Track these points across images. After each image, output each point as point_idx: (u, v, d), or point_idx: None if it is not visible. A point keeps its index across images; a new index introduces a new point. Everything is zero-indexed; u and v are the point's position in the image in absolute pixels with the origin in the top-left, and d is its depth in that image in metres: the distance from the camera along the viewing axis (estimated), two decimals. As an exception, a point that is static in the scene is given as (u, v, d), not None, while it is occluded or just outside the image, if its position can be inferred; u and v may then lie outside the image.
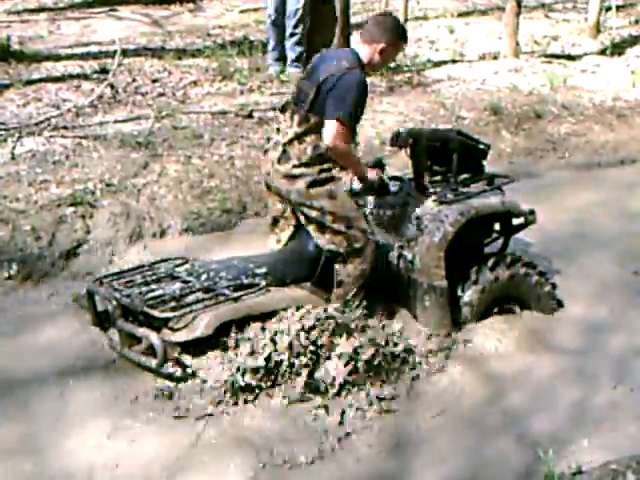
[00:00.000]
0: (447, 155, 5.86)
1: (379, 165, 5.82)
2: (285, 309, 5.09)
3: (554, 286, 6.07)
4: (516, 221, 6.11)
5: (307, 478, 4.41)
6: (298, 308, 5.12)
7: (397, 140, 5.89)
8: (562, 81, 11.40)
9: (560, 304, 6.09)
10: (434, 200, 5.70)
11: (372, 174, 5.61)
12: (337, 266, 5.41)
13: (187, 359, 4.90)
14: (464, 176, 6.02)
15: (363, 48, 5.36)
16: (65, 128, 8.17)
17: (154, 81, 10.18)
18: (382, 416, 4.90)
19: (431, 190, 5.82)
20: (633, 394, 5.16)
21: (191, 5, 15.22)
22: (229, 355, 4.86)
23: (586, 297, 6.26)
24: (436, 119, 9.52)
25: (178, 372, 4.86)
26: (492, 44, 13.55)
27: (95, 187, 7.02)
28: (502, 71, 11.92)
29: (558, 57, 13.21)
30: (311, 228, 5.38)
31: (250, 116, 8.92)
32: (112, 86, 9.59)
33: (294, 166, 5.25)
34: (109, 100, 9.30)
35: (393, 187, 5.85)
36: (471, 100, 10.34)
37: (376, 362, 5.12)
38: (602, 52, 13.80)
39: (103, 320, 5.31)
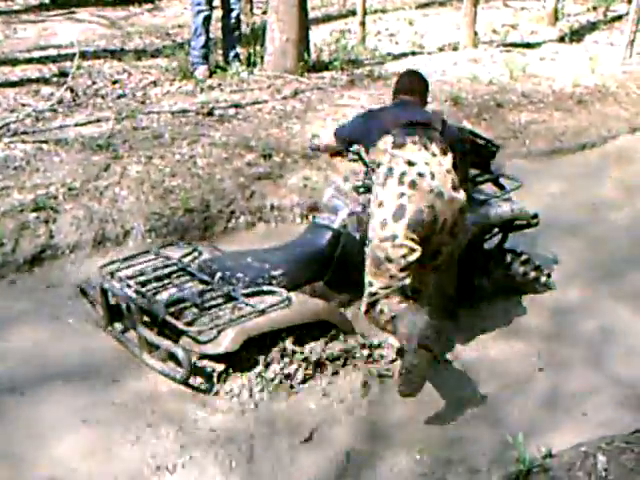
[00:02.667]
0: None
1: None
2: (308, 324, 5.14)
3: (549, 276, 6.32)
4: (518, 222, 6.22)
5: (286, 462, 4.49)
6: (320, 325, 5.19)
7: None
8: (521, 69, 11.43)
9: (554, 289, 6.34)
10: None
11: None
12: None
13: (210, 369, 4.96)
14: (472, 173, 6.12)
15: None
16: (25, 133, 8.11)
17: (114, 83, 10.12)
18: (358, 404, 4.95)
19: None
20: (604, 378, 5.22)
21: (149, 5, 15.16)
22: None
23: (557, 284, 6.34)
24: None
25: (203, 385, 4.92)
26: (451, 35, 13.57)
27: (57, 191, 6.97)
28: (462, 61, 11.95)
29: (517, 46, 13.27)
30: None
31: (210, 114, 8.90)
32: (71, 89, 9.52)
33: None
34: (69, 103, 9.23)
35: None
36: (432, 92, 10.17)
37: (352, 354, 5.19)
38: (561, 39, 13.89)
39: (114, 315, 5.41)
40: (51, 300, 5.99)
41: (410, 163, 5.00)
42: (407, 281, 5.01)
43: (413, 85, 5.65)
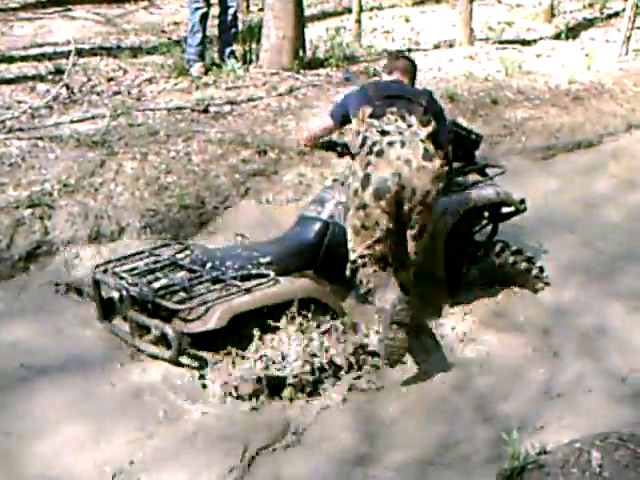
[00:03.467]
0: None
1: None
2: (294, 300, 5.16)
3: (541, 269, 6.31)
4: (506, 209, 6.24)
5: (284, 462, 4.50)
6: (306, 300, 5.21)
7: None
8: (517, 66, 11.43)
9: (547, 284, 6.32)
10: None
11: None
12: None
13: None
14: (457, 165, 6.19)
15: None
16: (21, 130, 8.09)
17: (109, 80, 10.11)
18: (354, 402, 4.95)
19: None
20: (597, 373, 5.22)
21: (145, 2, 15.14)
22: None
23: (550, 279, 6.33)
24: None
25: (193, 363, 4.98)
26: (447, 32, 13.59)
27: (52, 188, 6.97)
28: (457, 58, 11.96)
29: (513, 43, 13.29)
30: None
31: (206, 111, 8.89)
32: (67, 86, 9.50)
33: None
34: (65, 100, 9.22)
35: None
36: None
37: (348, 352, 5.20)
38: (557, 36, 13.90)
39: (107, 309, 5.46)
40: (44, 296, 5.99)
41: (383, 132, 5.14)
42: (382, 248, 5.14)
43: (401, 64, 5.80)
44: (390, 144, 5.06)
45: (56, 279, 6.19)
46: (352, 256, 5.22)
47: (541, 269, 6.33)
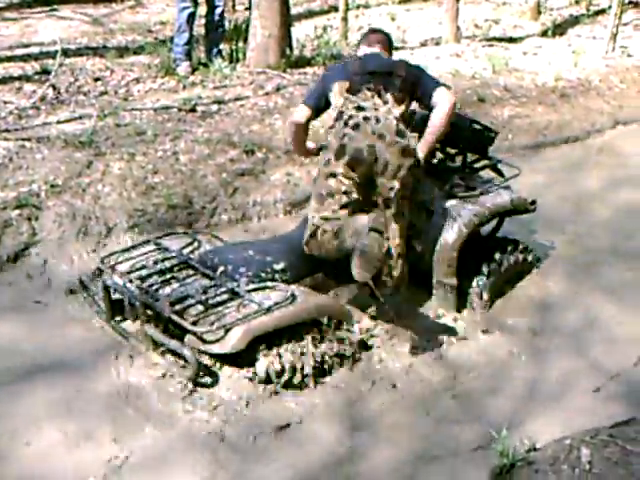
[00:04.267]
0: (457, 139, 6.07)
1: None
2: (312, 321, 5.17)
3: (538, 259, 6.45)
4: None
5: (267, 459, 4.48)
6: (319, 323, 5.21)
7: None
8: (504, 64, 11.46)
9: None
10: (446, 190, 5.91)
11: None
12: None
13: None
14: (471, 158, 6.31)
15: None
16: (7, 131, 8.08)
17: (96, 80, 10.10)
18: (339, 399, 4.96)
19: (439, 173, 6.07)
20: (586, 370, 5.22)
21: (131, 2, 15.13)
22: None
23: (539, 276, 6.35)
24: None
25: (209, 380, 4.95)
26: (433, 30, 13.62)
27: (40, 189, 6.96)
28: (444, 56, 11.97)
29: (500, 40, 13.32)
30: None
31: (193, 110, 8.90)
32: (54, 87, 9.50)
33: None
34: (51, 101, 9.21)
35: None
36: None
37: (334, 350, 5.21)
38: (543, 33, 13.93)
39: (115, 309, 5.45)
40: (33, 295, 6.00)
41: (359, 108, 5.16)
42: (347, 214, 5.14)
43: (380, 37, 5.90)
44: (366, 119, 5.08)
45: (44, 278, 6.19)
46: (313, 221, 5.22)
47: (538, 259, 6.41)
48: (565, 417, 4.74)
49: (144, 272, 5.42)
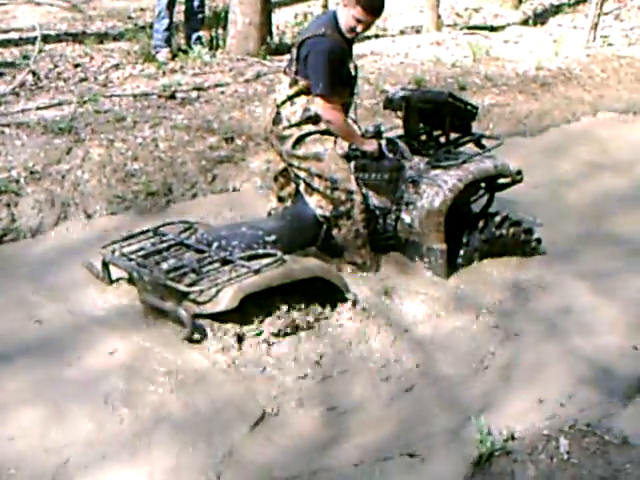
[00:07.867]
0: (439, 117, 6.16)
1: (378, 135, 6.07)
2: (302, 280, 5.28)
3: (539, 241, 6.44)
4: (502, 180, 6.32)
5: (244, 449, 4.45)
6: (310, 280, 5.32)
7: (390, 103, 6.23)
8: (485, 52, 11.49)
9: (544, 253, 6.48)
10: (429, 162, 6.00)
11: (370, 145, 5.90)
12: (334, 231, 5.79)
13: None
14: (454, 136, 6.34)
15: (341, 12, 5.73)
16: (-14, 117, 8.06)
17: (76, 66, 10.07)
18: (314, 383, 4.96)
19: (424, 151, 6.14)
20: (561, 355, 5.21)
21: (112, -12, 15.06)
22: None
23: (514, 260, 6.34)
24: (360, 94, 9.53)
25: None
26: (414, 18, 13.62)
27: (19, 175, 6.95)
28: (425, 44, 12.00)
29: (480, 28, 13.35)
30: (302, 190, 5.81)
31: (173, 97, 8.88)
32: (34, 73, 9.46)
33: (284, 127, 5.69)
34: (31, 87, 9.18)
35: (387, 150, 5.99)
36: (395, 74, 10.38)
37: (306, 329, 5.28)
38: (524, 22, 13.98)
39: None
40: (11, 280, 5.96)
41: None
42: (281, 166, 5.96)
43: None
44: (273, 100, 5.83)
45: (22, 264, 6.17)
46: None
47: (539, 241, 6.39)
48: (540, 402, 4.72)
49: (142, 252, 5.51)
